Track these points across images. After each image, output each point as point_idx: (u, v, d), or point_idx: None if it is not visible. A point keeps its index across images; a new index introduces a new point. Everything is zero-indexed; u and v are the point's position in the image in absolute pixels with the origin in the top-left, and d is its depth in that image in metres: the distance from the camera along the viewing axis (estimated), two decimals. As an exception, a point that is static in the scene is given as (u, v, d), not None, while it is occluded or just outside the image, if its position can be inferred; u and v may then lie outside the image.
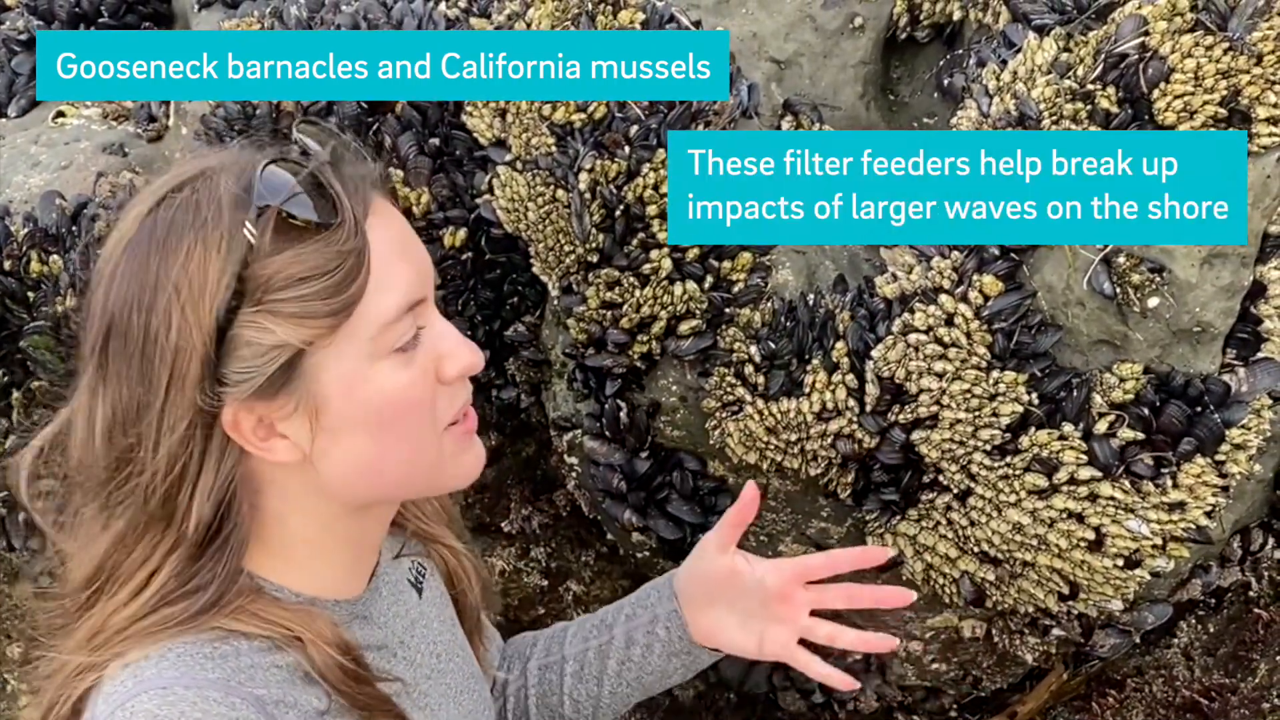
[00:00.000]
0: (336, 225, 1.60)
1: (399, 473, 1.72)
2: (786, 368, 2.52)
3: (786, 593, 2.14)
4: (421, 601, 2.03)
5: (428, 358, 1.67)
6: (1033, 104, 2.31)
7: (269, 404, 1.61)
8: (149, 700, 1.52)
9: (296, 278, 1.58)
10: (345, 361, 1.62)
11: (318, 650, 1.67)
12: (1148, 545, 2.41)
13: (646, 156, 2.49)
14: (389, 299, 1.62)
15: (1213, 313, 2.30)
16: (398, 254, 1.65)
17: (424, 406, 1.68)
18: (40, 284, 2.84)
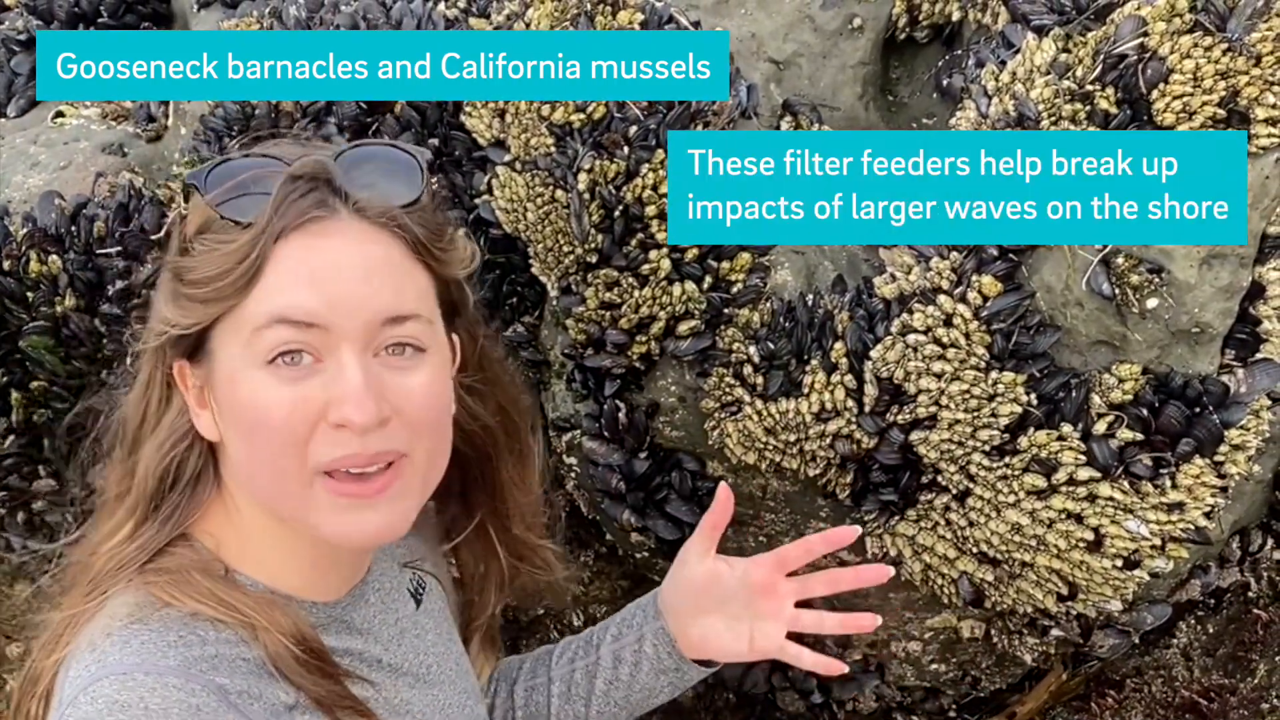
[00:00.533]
0: (244, 226, 1.65)
1: (267, 486, 1.71)
2: (785, 368, 2.52)
3: (770, 586, 2.15)
4: (418, 612, 2.02)
5: (316, 391, 1.64)
6: (1031, 105, 2.31)
7: (194, 369, 1.73)
8: (109, 685, 1.53)
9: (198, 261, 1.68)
10: (234, 357, 1.67)
11: (270, 638, 1.67)
12: (1146, 546, 2.41)
13: (645, 157, 2.49)
14: (264, 305, 1.64)
15: (1211, 313, 2.30)
16: (304, 275, 1.65)
17: (286, 430, 1.65)
18: (39, 284, 2.84)
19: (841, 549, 2.22)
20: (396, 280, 1.71)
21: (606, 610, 3.31)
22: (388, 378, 1.67)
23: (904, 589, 2.75)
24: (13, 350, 2.89)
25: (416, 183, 1.76)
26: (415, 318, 1.71)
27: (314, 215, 1.66)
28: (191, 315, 1.68)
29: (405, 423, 1.69)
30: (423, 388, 1.71)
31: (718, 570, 2.16)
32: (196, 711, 1.54)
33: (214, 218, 1.68)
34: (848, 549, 2.69)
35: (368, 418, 1.63)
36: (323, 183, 1.68)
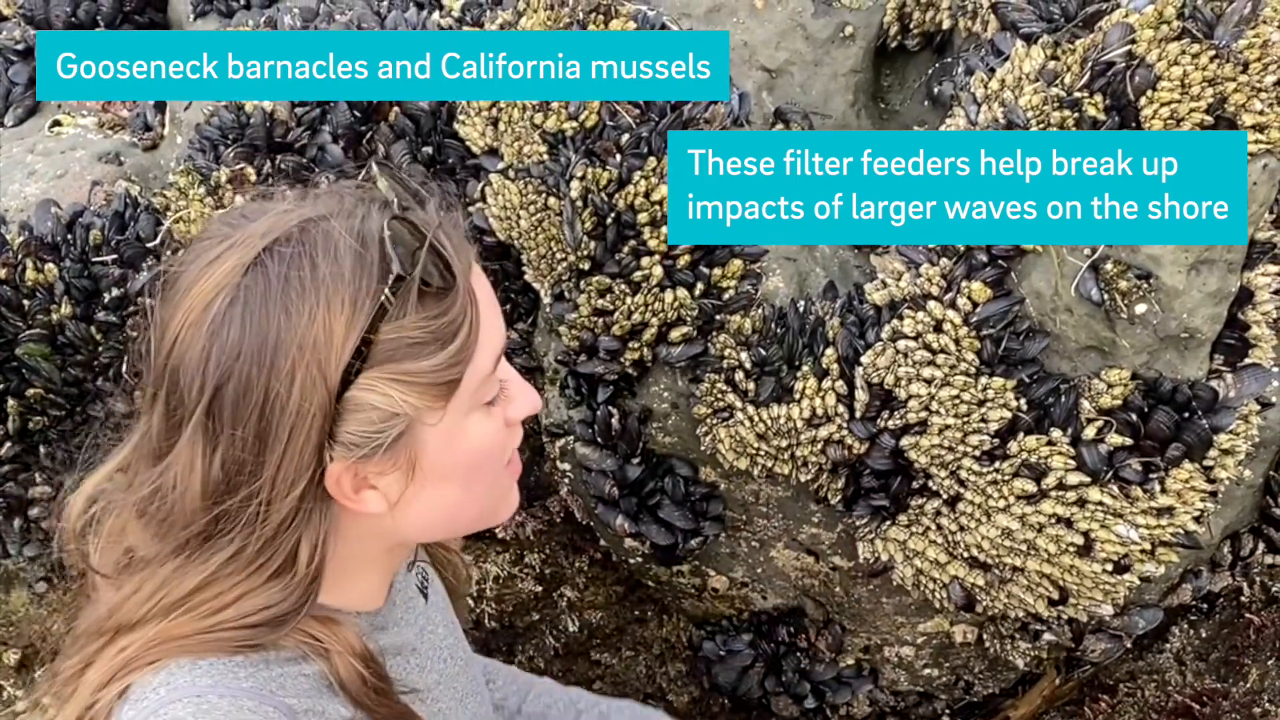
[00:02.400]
0: (453, 290, 1.58)
1: (474, 514, 1.75)
2: (777, 374, 2.53)
3: None
4: (428, 607, 2.04)
5: (500, 405, 1.68)
6: (1021, 111, 2.32)
7: (372, 462, 1.60)
8: (183, 709, 1.52)
9: (417, 343, 1.56)
10: (448, 418, 1.61)
11: (343, 662, 1.67)
12: (1136, 550, 2.42)
13: (638, 164, 2.50)
14: (487, 356, 1.62)
15: (1200, 319, 2.31)
16: (491, 307, 1.65)
17: (502, 451, 1.70)
18: (36, 292, 2.85)
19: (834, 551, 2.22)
20: None
21: (601, 616, 3.32)
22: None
23: (896, 594, 2.76)
24: (9, 358, 2.90)
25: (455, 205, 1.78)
26: None
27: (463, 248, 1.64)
28: (435, 396, 1.59)
29: None
30: None
31: None
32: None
33: (403, 294, 1.55)
34: (840, 553, 2.71)
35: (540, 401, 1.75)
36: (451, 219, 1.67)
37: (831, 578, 2.83)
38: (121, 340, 2.90)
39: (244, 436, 1.55)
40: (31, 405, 2.93)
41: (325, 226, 1.58)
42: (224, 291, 1.56)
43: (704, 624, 3.14)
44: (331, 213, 1.61)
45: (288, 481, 1.58)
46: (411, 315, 1.55)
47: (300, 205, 1.65)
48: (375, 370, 1.55)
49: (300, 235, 1.58)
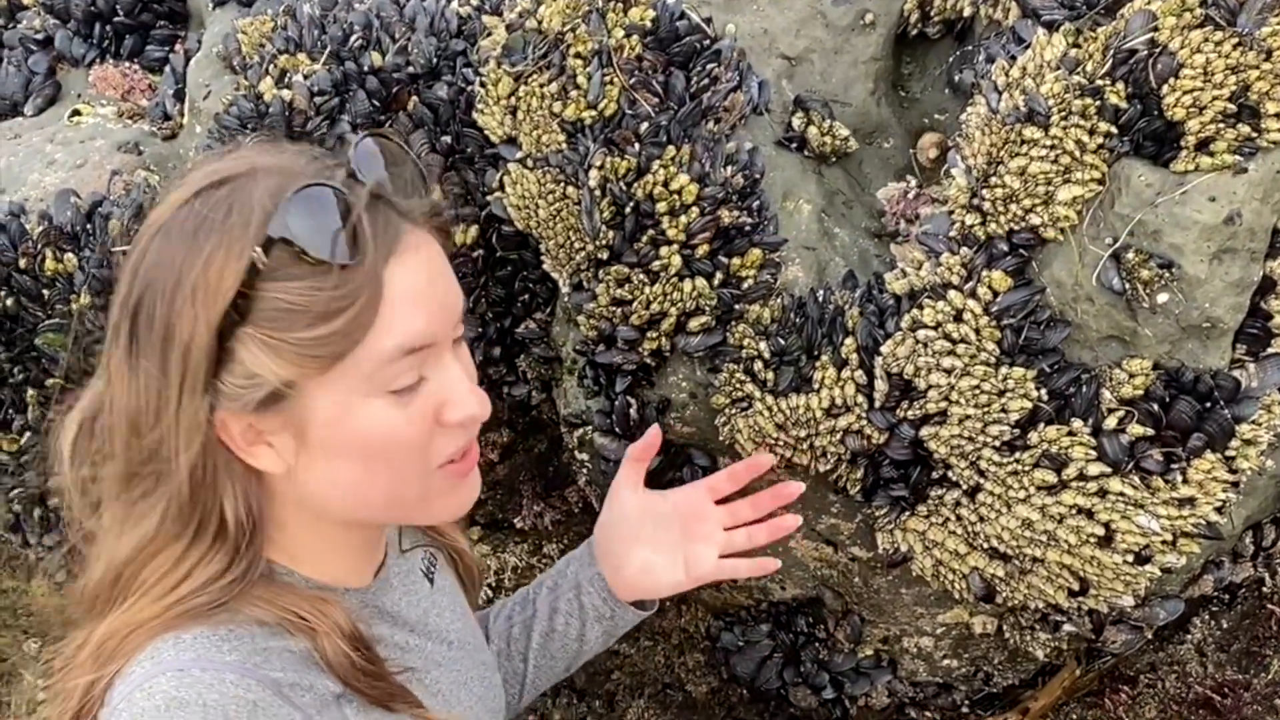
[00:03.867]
0: (352, 267, 1.59)
1: (380, 501, 1.73)
2: (796, 364, 2.52)
3: (701, 511, 2.22)
4: (434, 590, 2.05)
5: (428, 402, 1.67)
6: (1042, 100, 2.31)
7: (257, 416, 1.64)
8: (167, 682, 1.54)
9: (294, 310, 1.58)
10: (335, 394, 1.63)
11: (330, 643, 1.68)
12: (1158, 541, 2.41)
13: (656, 153, 2.49)
14: (388, 342, 1.62)
15: (1222, 308, 2.29)
16: (412, 299, 1.64)
17: (413, 447, 1.68)
18: (55, 281, 2.86)
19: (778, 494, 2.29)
20: (453, 276, 1.75)
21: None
22: (465, 364, 1.74)
23: (915, 585, 2.76)
24: (28, 348, 2.91)
25: (423, 174, 1.77)
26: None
27: (399, 237, 1.64)
28: (303, 368, 1.60)
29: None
30: (472, 363, 1.78)
31: (649, 501, 2.23)
32: (253, 707, 1.56)
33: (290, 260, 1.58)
34: (859, 543, 2.71)
35: (487, 408, 1.72)
36: (384, 201, 1.66)
37: (850, 568, 2.82)
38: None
39: (149, 368, 1.61)
40: (50, 395, 2.93)
41: (259, 178, 1.63)
42: (158, 223, 1.64)
43: (722, 614, 3.13)
44: (279, 168, 1.65)
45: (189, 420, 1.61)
46: (294, 282, 1.58)
47: (260, 154, 1.70)
48: (253, 327, 1.58)
49: (233, 181, 1.63)
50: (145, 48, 3.51)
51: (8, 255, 2.86)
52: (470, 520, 3.28)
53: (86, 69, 3.48)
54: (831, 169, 2.74)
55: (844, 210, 2.70)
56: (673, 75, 2.55)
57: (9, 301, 2.85)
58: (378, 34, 2.82)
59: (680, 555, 2.23)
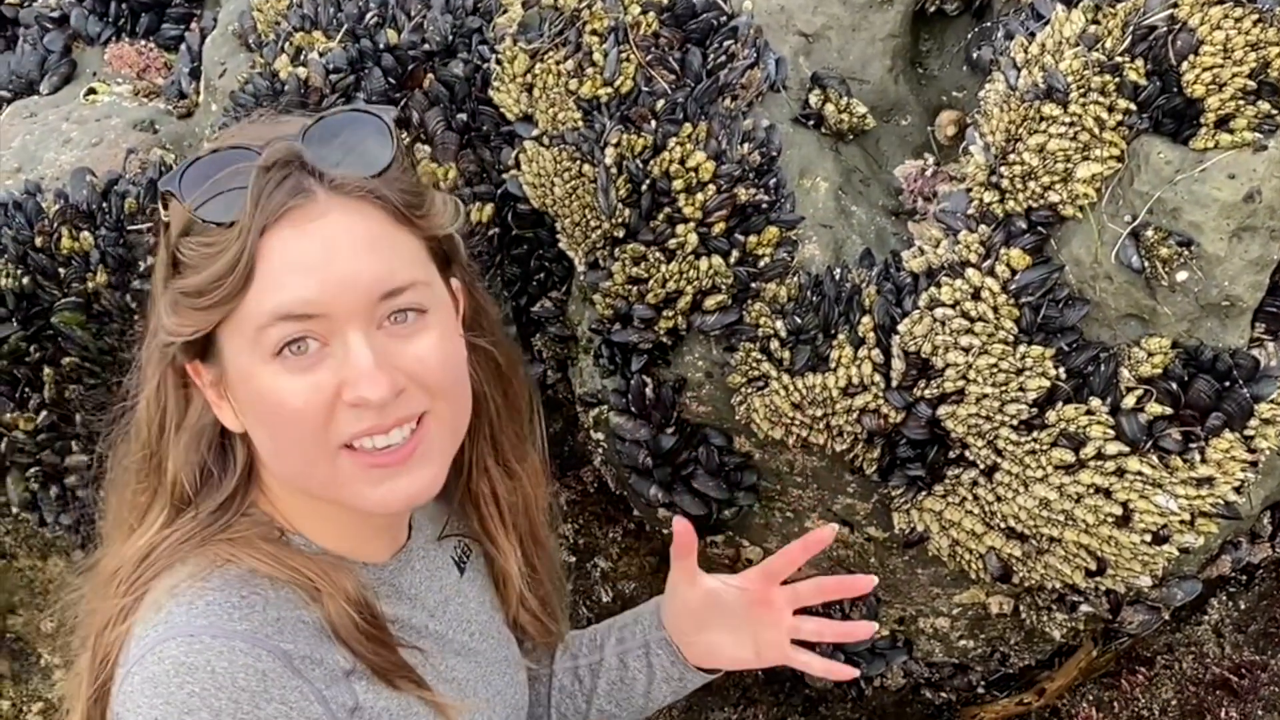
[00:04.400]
0: (227, 226, 1.64)
1: (297, 470, 1.74)
2: (812, 343, 2.51)
3: (764, 598, 2.16)
4: (462, 580, 2.04)
5: (329, 375, 1.66)
6: (1061, 77, 2.29)
7: (205, 366, 1.73)
8: (176, 647, 1.56)
9: (183, 263, 1.68)
10: (242, 354, 1.67)
11: (334, 604, 1.69)
12: (1176, 521, 2.40)
13: (673, 130, 2.48)
14: (264, 303, 1.63)
15: (1242, 286, 2.28)
16: (295, 266, 1.64)
17: (304, 417, 1.67)
18: (71, 260, 2.86)
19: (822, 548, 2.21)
20: (385, 252, 1.71)
21: (635, 586, 3.32)
22: (395, 347, 1.69)
23: (931, 565, 2.75)
24: (45, 326, 2.91)
25: (387, 146, 1.75)
26: (411, 286, 1.71)
27: (294, 204, 1.65)
28: (192, 322, 1.68)
29: (421, 386, 1.71)
30: (432, 349, 1.72)
31: (713, 590, 2.18)
32: (263, 677, 1.57)
33: (195, 221, 1.67)
34: (875, 523, 2.70)
35: (382, 393, 1.65)
36: (296, 167, 1.67)
37: (867, 548, 2.81)
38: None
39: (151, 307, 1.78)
40: (67, 374, 2.94)
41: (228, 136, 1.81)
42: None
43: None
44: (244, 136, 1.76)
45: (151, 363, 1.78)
46: (187, 237, 1.68)
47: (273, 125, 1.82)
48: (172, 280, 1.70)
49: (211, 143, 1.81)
50: (161, 26, 3.50)
51: (24, 234, 2.86)
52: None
53: (102, 47, 3.47)
54: (849, 146, 2.72)
55: (861, 188, 2.69)
56: (689, 52, 2.54)
57: (25, 280, 2.85)
58: (393, 11, 2.81)
59: (750, 638, 2.20)
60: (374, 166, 1.72)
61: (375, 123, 1.76)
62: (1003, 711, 3.16)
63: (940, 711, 3.28)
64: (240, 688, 1.54)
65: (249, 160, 1.66)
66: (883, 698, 3.20)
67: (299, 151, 1.68)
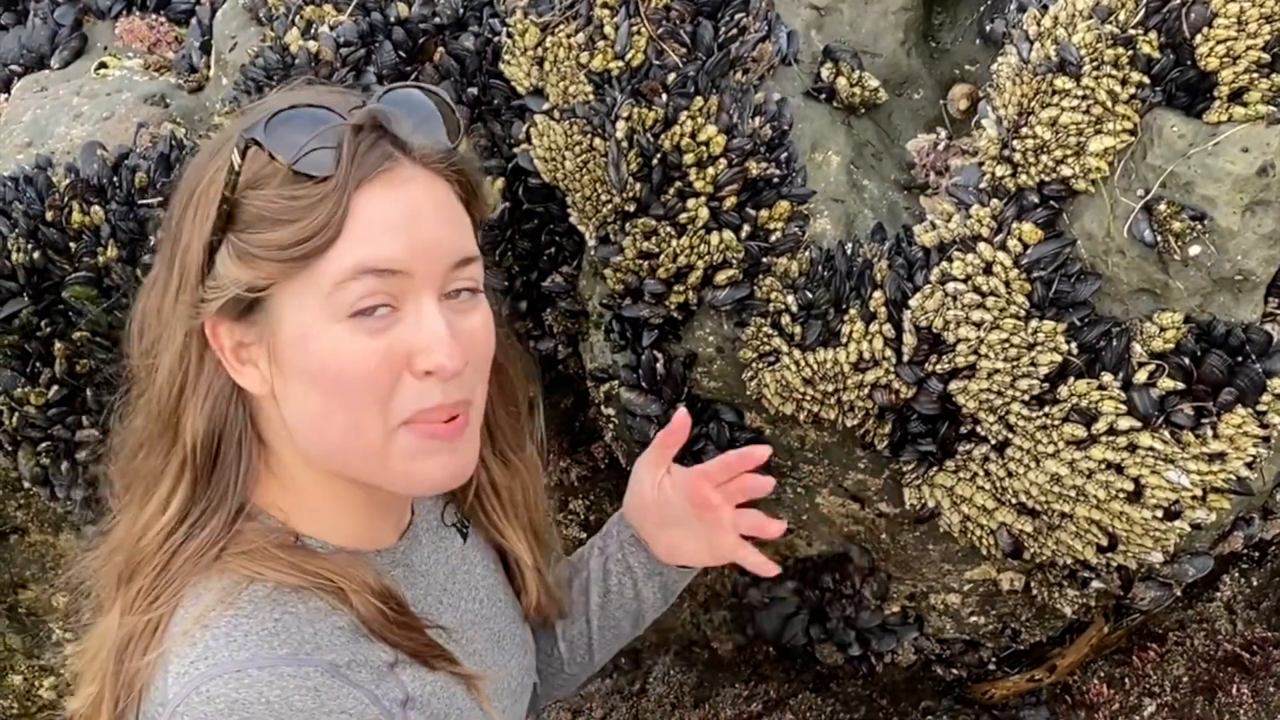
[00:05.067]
0: (320, 180, 1.62)
1: (340, 442, 1.70)
2: (824, 317, 2.51)
3: (703, 499, 2.16)
4: (466, 547, 2.04)
5: (401, 341, 1.64)
6: (1073, 49, 2.28)
7: (239, 326, 1.68)
8: (224, 684, 1.54)
9: (263, 216, 1.63)
10: (305, 311, 1.64)
11: (360, 599, 1.68)
12: (1187, 496, 2.39)
13: (684, 104, 2.47)
14: (348, 258, 1.61)
15: (1255, 261, 2.27)
16: (381, 223, 1.64)
17: (372, 383, 1.65)
18: (82, 234, 2.86)
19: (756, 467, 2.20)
20: (459, 222, 1.74)
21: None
22: (457, 322, 1.69)
23: (942, 541, 2.75)
24: (55, 300, 2.91)
25: (456, 125, 1.77)
26: (476, 259, 1.74)
27: (385, 166, 1.65)
28: (268, 274, 1.64)
29: (474, 367, 1.72)
30: (483, 328, 1.74)
31: (663, 491, 2.20)
32: (315, 693, 1.56)
33: (272, 171, 1.64)
34: (886, 499, 2.70)
35: (457, 363, 1.65)
36: (384, 132, 1.67)
37: (877, 524, 2.81)
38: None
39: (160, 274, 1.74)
40: (78, 348, 2.94)
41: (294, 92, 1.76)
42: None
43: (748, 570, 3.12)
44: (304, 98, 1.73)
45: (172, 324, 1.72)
46: (267, 189, 1.64)
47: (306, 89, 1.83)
48: (233, 234, 1.65)
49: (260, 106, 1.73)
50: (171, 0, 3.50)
51: (35, 208, 2.87)
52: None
53: (113, 21, 3.48)
54: (860, 120, 2.71)
55: (873, 162, 2.68)
56: (700, 25, 2.53)
57: (36, 254, 2.85)
58: (404, -16, 2.81)
59: (703, 537, 2.21)
60: (447, 142, 1.75)
61: (441, 101, 1.78)
62: (1014, 688, 3.16)
63: (951, 688, 3.28)
64: (297, 710, 1.54)
65: (335, 119, 1.66)
66: (893, 674, 3.21)
67: (387, 117, 1.68)
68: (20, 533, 3.54)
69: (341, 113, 1.67)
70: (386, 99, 1.73)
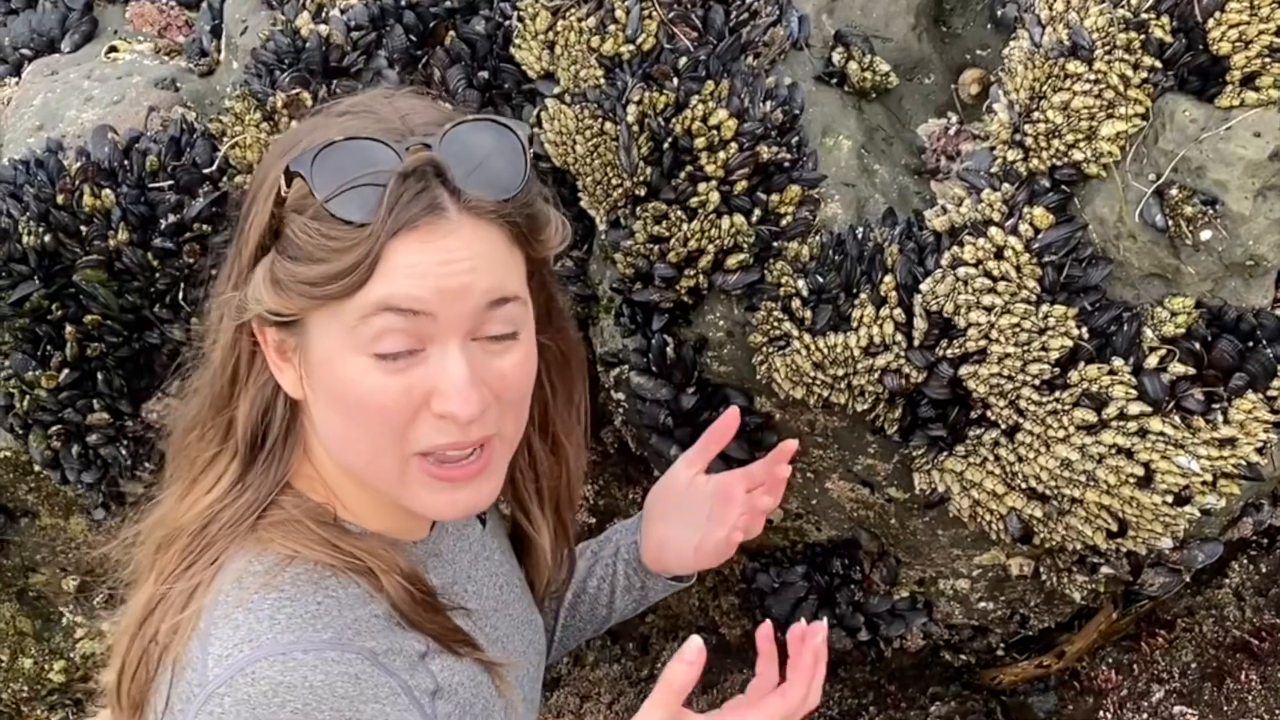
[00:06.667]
0: (357, 225, 1.58)
1: (359, 460, 1.70)
2: (834, 302, 2.51)
3: (731, 494, 2.16)
4: (484, 533, 2.04)
5: (423, 380, 1.63)
6: (1085, 34, 2.28)
7: (279, 331, 1.68)
8: (269, 667, 1.54)
9: (298, 245, 1.62)
10: (331, 338, 1.63)
11: (389, 580, 1.68)
12: (1198, 482, 2.39)
13: (695, 88, 2.48)
14: (373, 294, 1.59)
15: (1266, 246, 2.27)
16: (414, 272, 1.60)
17: (387, 418, 1.64)
18: (93, 218, 2.86)
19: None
20: (500, 268, 1.67)
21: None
22: (485, 363, 1.66)
23: (952, 526, 2.75)
24: (67, 284, 2.92)
25: (521, 167, 1.69)
26: (514, 299, 1.68)
27: (427, 219, 1.60)
28: (295, 306, 1.63)
29: (500, 406, 1.69)
30: (516, 368, 1.70)
31: (698, 479, 2.20)
32: (356, 680, 1.57)
33: (314, 204, 1.61)
34: (896, 484, 2.70)
35: (472, 412, 1.62)
36: (433, 178, 1.62)
37: (887, 509, 2.81)
38: (178, 267, 2.90)
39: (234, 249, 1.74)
40: (89, 332, 2.95)
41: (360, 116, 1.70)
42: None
43: (757, 556, 3.13)
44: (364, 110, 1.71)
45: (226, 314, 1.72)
46: (307, 219, 1.62)
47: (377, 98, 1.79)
48: (275, 252, 1.65)
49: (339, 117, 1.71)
50: (182, -16, 3.51)
51: (46, 191, 2.87)
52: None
53: (123, 5, 3.48)
54: (871, 105, 2.71)
55: (884, 147, 2.68)
56: (712, 9, 2.53)
57: (47, 238, 2.86)
58: (415, -32, 2.81)
59: (697, 537, 2.20)
60: (508, 190, 1.67)
61: (511, 140, 1.69)
62: (1022, 674, 3.16)
63: (959, 673, 3.29)
64: (340, 695, 1.54)
65: (387, 161, 1.61)
66: (902, 659, 3.21)
67: (439, 164, 1.62)
68: (31, 516, 3.55)
69: (398, 151, 1.62)
70: (450, 139, 1.66)
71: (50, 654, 3.79)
